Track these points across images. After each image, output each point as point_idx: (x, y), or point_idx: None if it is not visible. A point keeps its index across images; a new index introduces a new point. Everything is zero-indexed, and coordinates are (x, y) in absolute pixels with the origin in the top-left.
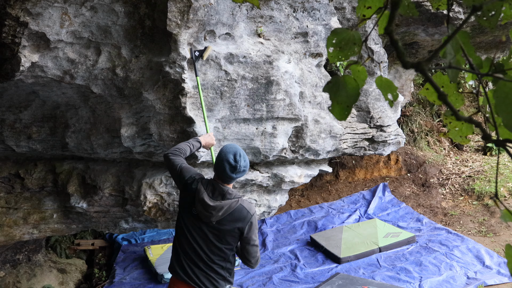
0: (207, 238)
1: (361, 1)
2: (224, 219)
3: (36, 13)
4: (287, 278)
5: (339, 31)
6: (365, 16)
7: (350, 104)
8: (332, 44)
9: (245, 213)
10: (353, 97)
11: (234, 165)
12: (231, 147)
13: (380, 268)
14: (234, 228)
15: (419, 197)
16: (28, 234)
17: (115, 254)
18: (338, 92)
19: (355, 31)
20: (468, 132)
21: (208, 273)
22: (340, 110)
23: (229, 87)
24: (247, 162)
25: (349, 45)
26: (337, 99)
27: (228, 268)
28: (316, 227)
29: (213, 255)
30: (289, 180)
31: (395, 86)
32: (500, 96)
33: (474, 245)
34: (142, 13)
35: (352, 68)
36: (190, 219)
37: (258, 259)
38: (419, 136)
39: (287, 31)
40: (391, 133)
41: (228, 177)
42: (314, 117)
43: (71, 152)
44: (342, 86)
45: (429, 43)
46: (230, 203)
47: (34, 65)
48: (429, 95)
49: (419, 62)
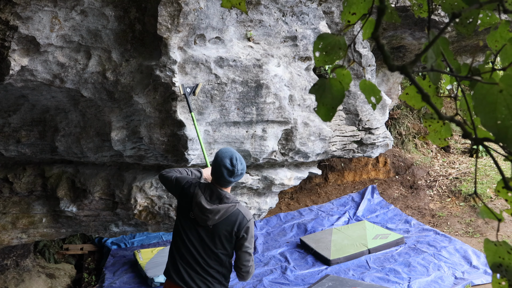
0: (203, 242)
1: (346, 8)
2: (220, 223)
3: (26, 17)
4: (278, 280)
5: (325, 36)
6: (349, 22)
7: (335, 106)
8: (318, 49)
9: (241, 218)
10: (338, 99)
11: (231, 169)
12: (226, 151)
13: (369, 270)
14: (230, 233)
15: (407, 199)
16: (17, 239)
17: (104, 259)
18: (323, 94)
19: (340, 36)
20: (447, 134)
21: (204, 277)
22: (325, 111)
23: (219, 90)
24: (244, 165)
25: (334, 49)
26: (323, 101)
27: (224, 273)
28: (305, 230)
29: (209, 259)
30: (279, 182)
31: (378, 90)
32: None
33: (462, 245)
34: (132, 17)
35: (337, 72)
36: (187, 223)
37: (251, 270)
38: (407, 139)
39: (276, 35)
40: (380, 135)
41: (226, 181)
42: (303, 120)
43: (61, 156)
44: (328, 88)
45: (416, 46)
46: (227, 207)
47: (23, 68)
48: (409, 100)
49: (403, 65)
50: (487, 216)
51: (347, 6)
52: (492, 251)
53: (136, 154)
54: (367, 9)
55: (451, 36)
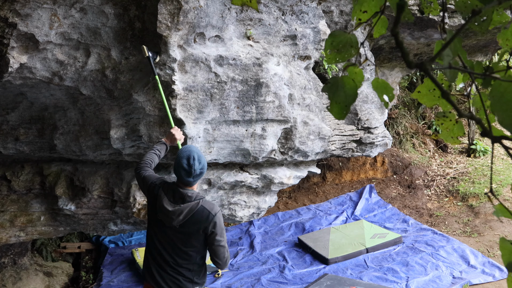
0: (172, 242)
1: (357, 5)
2: (187, 222)
3: (25, 14)
4: (276, 279)
5: (336, 33)
6: (360, 20)
7: (348, 104)
8: (330, 47)
9: (206, 213)
10: (351, 97)
11: (188, 170)
12: (185, 150)
13: (367, 269)
14: (198, 230)
15: (405, 198)
16: (15, 237)
17: (102, 257)
18: (337, 92)
19: (352, 34)
20: (459, 133)
21: (174, 276)
22: (339, 110)
23: (219, 89)
24: (203, 163)
25: (346, 47)
26: (336, 99)
27: (195, 270)
28: (303, 229)
29: (179, 258)
30: (278, 181)
31: (391, 87)
32: (496, 96)
33: (459, 245)
34: (132, 15)
35: (350, 70)
36: (156, 225)
37: (227, 260)
38: (405, 138)
39: (276, 34)
40: (378, 134)
41: (185, 181)
42: (303, 119)
43: (59, 154)
44: (341, 86)
45: (414, 46)
46: (191, 205)
47: (22, 66)
48: (421, 98)
49: (422, 62)
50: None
51: (358, 4)
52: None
53: (135, 152)
54: (378, 7)
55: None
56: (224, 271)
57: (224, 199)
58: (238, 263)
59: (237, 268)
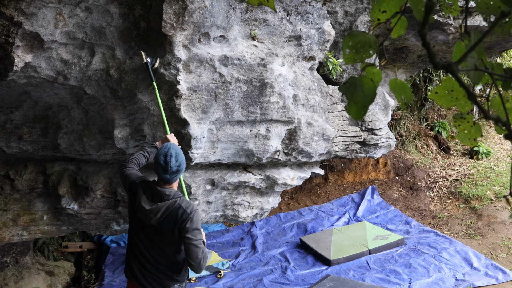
0: (151, 240)
1: (376, 5)
2: (164, 220)
3: (30, 13)
4: (278, 280)
5: (355, 33)
6: (379, 20)
7: (366, 104)
8: (348, 46)
9: (181, 212)
10: (370, 97)
11: (164, 166)
12: (164, 148)
13: (370, 270)
14: (173, 229)
15: (407, 200)
16: (18, 236)
17: (103, 257)
18: (355, 92)
19: (371, 34)
20: (477, 135)
21: (154, 274)
22: (357, 110)
23: (224, 89)
24: (180, 161)
25: (365, 47)
26: (354, 99)
27: (175, 268)
28: (305, 230)
29: (158, 256)
30: (282, 182)
31: (410, 88)
32: None
33: (462, 247)
34: (137, 14)
35: (368, 70)
36: (136, 223)
37: (201, 262)
38: (407, 140)
39: (280, 34)
40: (382, 136)
41: (164, 178)
42: (307, 120)
43: (63, 153)
44: (359, 86)
45: (418, 48)
46: (168, 204)
47: (27, 65)
48: (438, 99)
49: (449, 63)
50: None
51: (377, 4)
52: None
53: None
54: (398, 7)
55: (455, 37)
56: (226, 271)
57: (227, 200)
58: (240, 263)
59: (239, 269)
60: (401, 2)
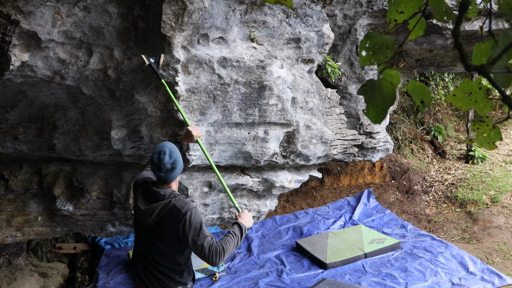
0: (151, 241)
1: (393, 6)
2: (160, 220)
3: (27, 11)
4: (273, 283)
5: (372, 35)
6: (396, 21)
7: (386, 107)
8: (365, 48)
9: (176, 212)
10: (389, 100)
11: (158, 164)
12: (158, 146)
13: (366, 274)
14: (170, 229)
15: (403, 203)
16: (11, 237)
17: (97, 258)
18: (373, 95)
19: (388, 36)
20: (497, 138)
21: (156, 275)
22: (376, 113)
23: (222, 91)
24: (174, 158)
25: (382, 49)
26: (373, 102)
27: (176, 269)
28: (301, 233)
29: (158, 257)
30: (280, 185)
31: (429, 91)
32: None
33: (458, 251)
34: (136, 14)
35: (386, 73)
36: (138, 225)
37: (212, 256)
38: (403, 144)
39: (280, 37)
40: (380, 140)
41: (159, 177)
42: (305, 123)
43: (58, 154)
44: (378, 89)
45: (417, 51)
46: (162, 204)
47: (24, 64)
48: (456, 101)
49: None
50: None
51: (394, 5)
52: None
53: (136, 153)
54: (417, 8)
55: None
56: (222, 274)
57: (224, 202)
58: (235, 266)
59: (235, 272)
60: (420, 2)
